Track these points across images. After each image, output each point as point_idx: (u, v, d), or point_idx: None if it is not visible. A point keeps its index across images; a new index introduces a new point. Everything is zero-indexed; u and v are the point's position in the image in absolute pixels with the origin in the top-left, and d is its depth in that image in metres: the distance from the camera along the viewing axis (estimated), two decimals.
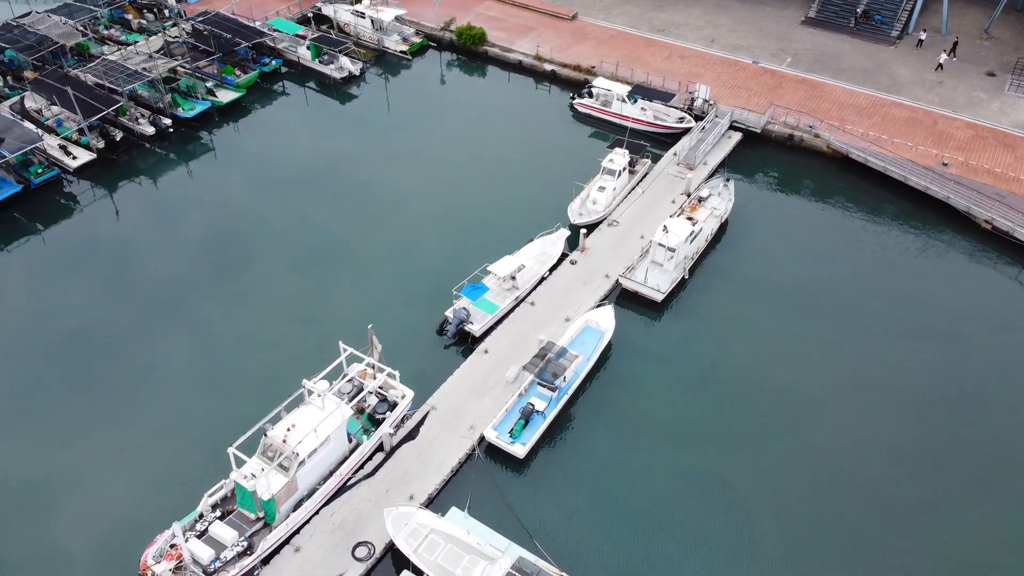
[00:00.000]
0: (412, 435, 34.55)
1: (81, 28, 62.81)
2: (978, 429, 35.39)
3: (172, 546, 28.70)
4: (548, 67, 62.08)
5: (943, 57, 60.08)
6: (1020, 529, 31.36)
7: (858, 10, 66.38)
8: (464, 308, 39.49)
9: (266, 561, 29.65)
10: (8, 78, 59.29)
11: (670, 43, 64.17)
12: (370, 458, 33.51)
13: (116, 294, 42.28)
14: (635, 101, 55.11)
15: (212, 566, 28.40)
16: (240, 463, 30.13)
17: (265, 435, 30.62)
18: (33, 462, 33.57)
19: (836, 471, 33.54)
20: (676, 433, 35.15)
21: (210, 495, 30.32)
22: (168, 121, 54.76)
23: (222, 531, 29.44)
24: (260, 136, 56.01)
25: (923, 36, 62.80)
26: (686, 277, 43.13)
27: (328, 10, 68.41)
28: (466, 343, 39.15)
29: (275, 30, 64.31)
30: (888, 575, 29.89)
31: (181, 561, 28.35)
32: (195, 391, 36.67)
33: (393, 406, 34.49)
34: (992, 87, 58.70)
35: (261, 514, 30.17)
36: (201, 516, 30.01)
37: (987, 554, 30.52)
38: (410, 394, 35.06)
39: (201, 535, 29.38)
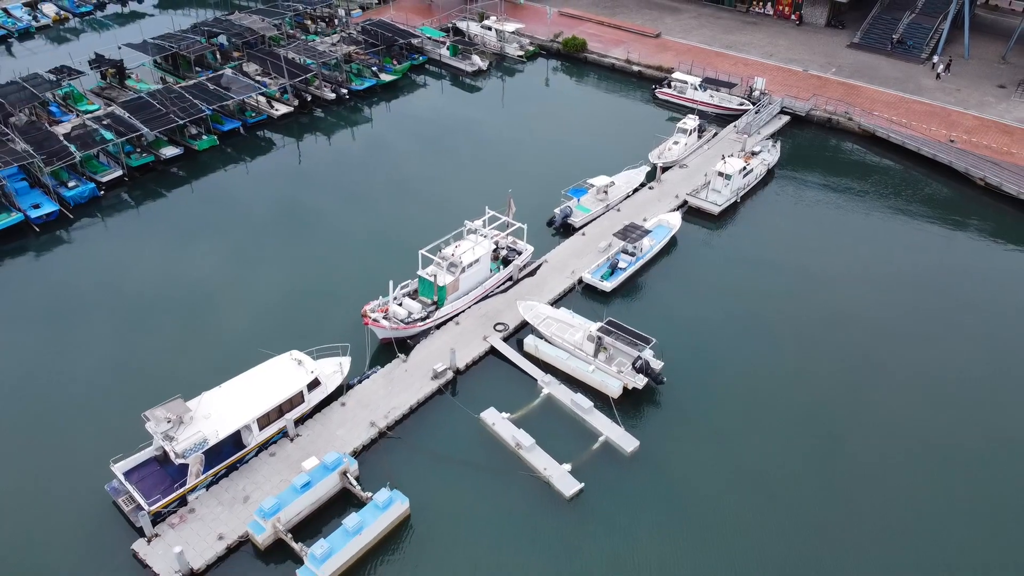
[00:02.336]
0: (532, 274, 49.09)
1: (275, 25, 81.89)
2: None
3: (381, 307, 43.64)
4: (635, 68, 77.88)
5: (940, 68, 73.44)
6: None
7: (894, 37, 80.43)
8: (569, 206, 54.28)
9: (437, 327, 44.31)
10: (218, 57, 77.99)
11: (736, 55, 79.25)
12: (504, 285, 48.04)
13: (313, 188, 58.66)
14: (705, 89, 70.11)
15: (407, 320, 43.21)
16: (426, 264, 45.22)
17: (440, 251, 45.67)
18: (280, 262, 49.29)
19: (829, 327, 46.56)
20: (723, 288, 48.63)
21: (403, 287, 45.35)
22: (344, 91, 72.27)
23: (411, 304, 44.28)
24: (411, 106, 73.00)
25: (938, 64, 75.66)
26: (738, 201, 57.10)
27: (462, 24, 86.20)
28: (568, 231, 53.65)
29: (423, 34, 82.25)
30: None
31: (387, 313, 43.25)
32: (399, 232, 52.03)
33: (519, 253, 49.24)
34: (1001, 95, 71.58)
35: (435, 299, 44.92)
36: (395, 298, 44.94)
37: None
38: (531, 248, 49.72)
39: (400, 305, 44.31)
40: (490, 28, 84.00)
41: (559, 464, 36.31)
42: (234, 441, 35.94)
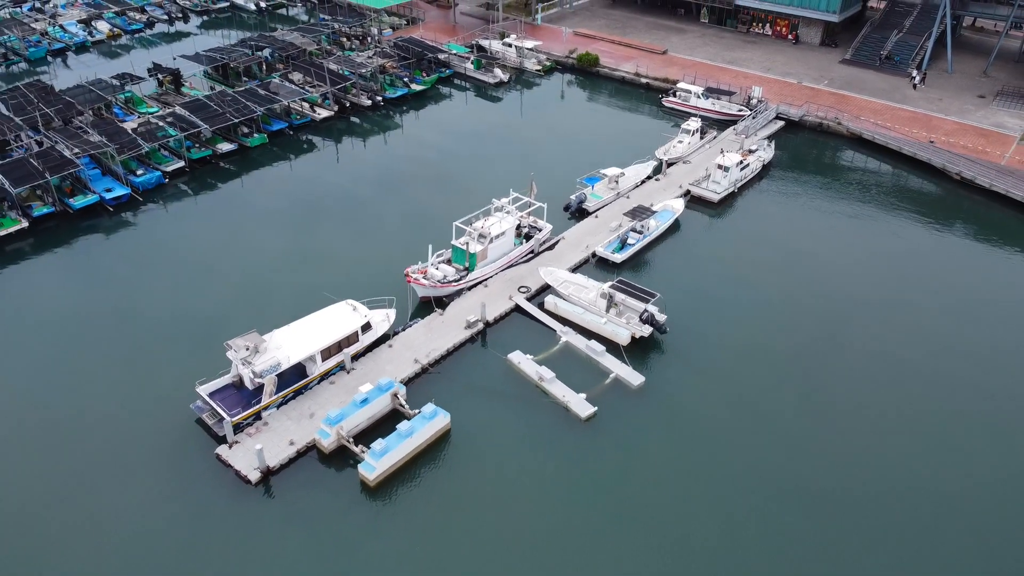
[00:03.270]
0: (551, 248, 55.48)
1: (317, 39, 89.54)
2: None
3: (421, 269, 50.06)
4: (643, 80, 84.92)
5: (917, 79, 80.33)
6: None
7: (883, 53, 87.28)
8: (583, 193, 60.82)
9: (468, 289, 50.62)
10: (263, 68, 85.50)
11: (736, 69, 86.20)
12: (526, 256, 54.41)
13: (354, 178, 65.46)
14: (707, 98, 76.94)
15: (443, 280, 49.60)
16: (459, 235, 51.70)
17: (471, 224, 52.17)
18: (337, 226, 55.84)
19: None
20: (719, 261, 54.88)
21: (439, 255, 51.79)
22: (379, 98, 79.52)
23: (446, 269, 50.70)
24: (439, 111, 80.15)
25: (915, 76, 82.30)
26: (736, 192, 63.51)
27: (484, 42, 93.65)
28: (583, 215, 60.08)
29: (450, 50, 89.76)
30: None
31: (426, 275, 49.64)
32: (434, 210, 58.55)
33: (539, 230, 55.70)
34: (980, 103, 78.08)
35: (467, 265, 51.30)
36: (433, 263, 51.30)
37: None
38: (550, 226, 56.19)
39: (436, 269, 50.73)
40: (510, 45, 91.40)
41: (576, 393, 42.36)
42: (299, 372, 42.24)
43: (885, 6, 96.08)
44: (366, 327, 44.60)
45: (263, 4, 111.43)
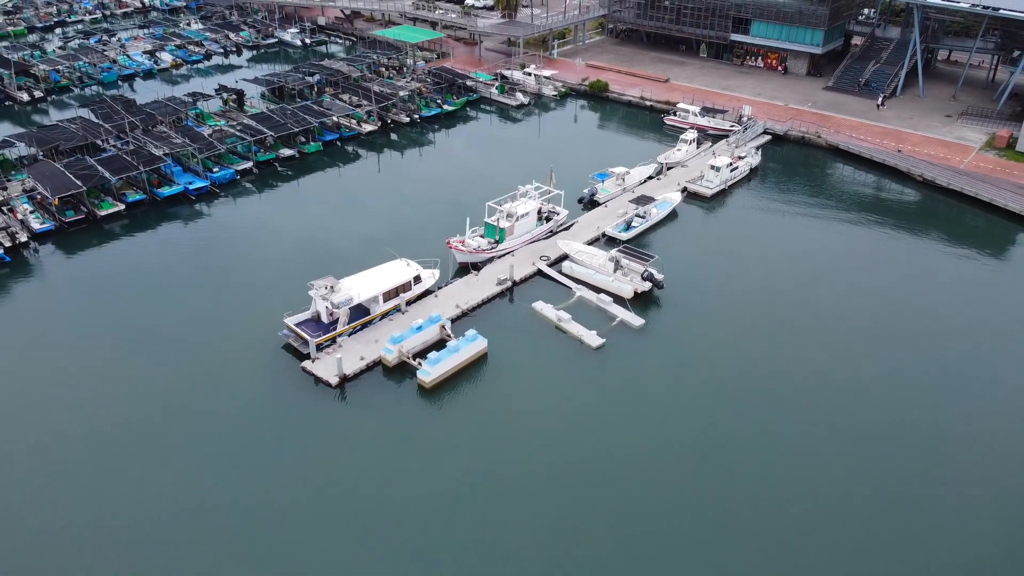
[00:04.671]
0: (567, 229, 65.66)
1: (360, 69, 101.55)
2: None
3: (460, 239, 60.27)
4: (648, 103, 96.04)
5: (880, 99, 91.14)
6: None
7: (861, 80, 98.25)
8: (595, 187, 71.22)
9: (499, 258, 60.69)
10: (314, 91, 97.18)
11: (730, 94, 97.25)
12: (546, 235, 64.54)
13: (399, 176, 76.23)
14: (703, 116, 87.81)
15: (477, 249, 59.77)
16: (491, 214, 62.01)
17: (500, 206, 62.52)
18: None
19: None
20: (709, 239, 64.99)
21: (473, 230, 62.01)
22: (416, 116, 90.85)
23: (479, 240, 60.91)
24: (468, 126, 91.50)
25: (879, 98, 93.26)
26: (726, 189, 73.77)
27: (507, 72, 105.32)
28: (594, 206, 70.35)
29: (477, 78, 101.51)
30: None
31: (464, 244, 59.82)
32: (469, 196, 68.87)
33: (557, 214, 65.97)
34: (947, 122, 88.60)
35: (496, 238, 61.45)
36: (469, 236, 61.49)
37: None
38: (566, 211, 66.48)
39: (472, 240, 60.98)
40: (530, 74, 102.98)
41: (588, 330, 52.04)
42: (364, 312, 52.21)
43: (865, 40, 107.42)
44: (417, 279, 54.67)
45: (307, 40, 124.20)
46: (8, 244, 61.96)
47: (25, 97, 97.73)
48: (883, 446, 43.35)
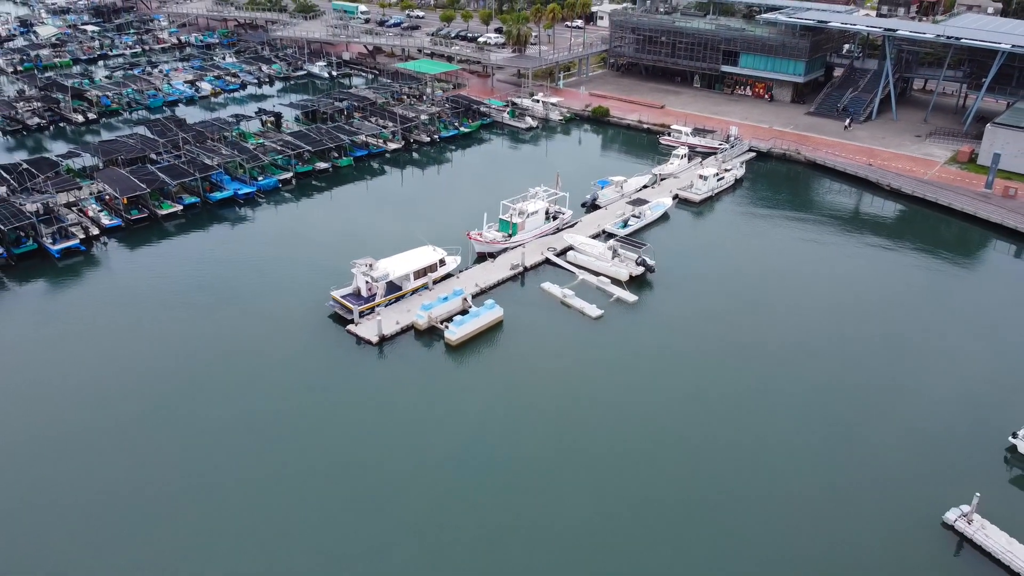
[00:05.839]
0: (571, 226, 74.70)
1: (384, 96, 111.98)
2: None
3: (478, 232, 69.33)
4: (645, 126, 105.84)
5: (847, 122, 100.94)
6: None
7: (839, 106, 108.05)
8: (596, 193, 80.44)
9: (512, 249, 69.63)
10: (344, 114, 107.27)
11: (720, 118, 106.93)
12: (553, 231, 73.55)
13: (422, 183, 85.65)
14: (694, 135, 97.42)
15: (493, 240, 68.76)
16: (504, 211, 71.15)
17: (513, 205, 71.69)
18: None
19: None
20: (696, 236, 73.96)
21: (488, 224, 71.08)
22: (436, 136, 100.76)
23: (495, 233, 69.96)
24: (483, 146, 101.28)
25: (846, 120, 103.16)
26: (713, 196, 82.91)
27: (517, 100, 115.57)
28: (595, 209, 79.50)
29: (490, 105, 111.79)
30: None
31: (481, 236, 68.85)
32: (485, 197, 78.00)
33: (563, 213, 75.09)
34: (916, 141, 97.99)
35: (510, 232, 70.46)
36: (486, 228, 70.52)
37: None
38: (571, 212, 75.61)
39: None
40: (538, 101, 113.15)
41: (589, 304, 60.68)
42: (397, 288, 61.03)
43: (844, 71, 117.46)
44: (442, 262, 63.62)
45: (334, 72, 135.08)
46: (82, 236, 71.29)
47: (80, 118, 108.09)
48: (834, 394, 51.70)
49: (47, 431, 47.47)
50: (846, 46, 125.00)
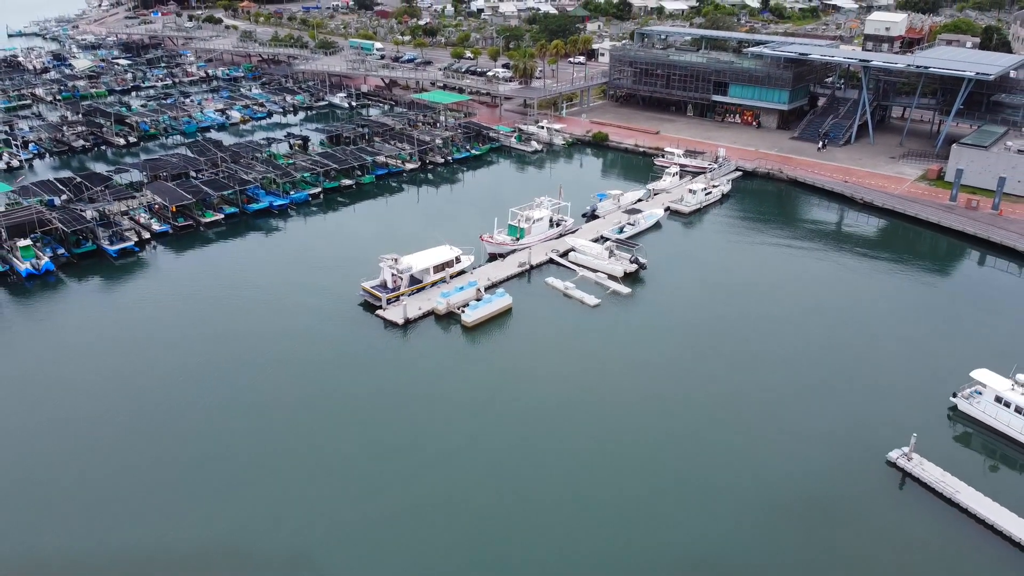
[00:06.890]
0: (573, 233, 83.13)
1: (402, 123, 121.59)
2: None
3: (489, 235, 77.78)
4: (641, 149, 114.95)
5: (820, 143, 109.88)
6: None
7: (821, 131, 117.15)
8: (596, 204, 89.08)
9: (519, 251, 78.00)
10: (365, 138, 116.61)
11: (710, 142, 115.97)
12: (556, 236, 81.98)
13: (438, 198, 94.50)
14: (685, 156, 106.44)
15: (502, 243, 77.18)
16: (513, 218, 79.73)
17: (521, 212, 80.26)
18: None
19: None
20: (684, 242, 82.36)
21: (499, 229, 79.54)
22: (449, 157, 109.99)
23: (504, 236, 78.39)
24: (493, 167, 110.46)
25: (820, 142, 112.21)
26: (701, 209, 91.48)
27: (523, 127, 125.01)
28: (594, 218, 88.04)
29: (499, 131, 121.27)
30: None
31: (492, 239, 77.28)
32: (495, 205, 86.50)
33: (565, 220, 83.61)
34: (890, 162, 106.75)
35: (518, 236, 78.89)
36: (496, 232, 78.92)
37: None
38: (572, 219, 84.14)
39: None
40: (543, 127, 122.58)
41: (587, 295, 68.84)
42: (418, 282, 69.32)
43: (827, 99, 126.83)
44: (457, 259, 72.06)
45: (353, 103, 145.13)
46: (136, 239, 79.96)
47: (121, 141, 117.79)
48: (802, 364, 59.58)
49: (124, 405, 55.37)
50: (829, 78, 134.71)
